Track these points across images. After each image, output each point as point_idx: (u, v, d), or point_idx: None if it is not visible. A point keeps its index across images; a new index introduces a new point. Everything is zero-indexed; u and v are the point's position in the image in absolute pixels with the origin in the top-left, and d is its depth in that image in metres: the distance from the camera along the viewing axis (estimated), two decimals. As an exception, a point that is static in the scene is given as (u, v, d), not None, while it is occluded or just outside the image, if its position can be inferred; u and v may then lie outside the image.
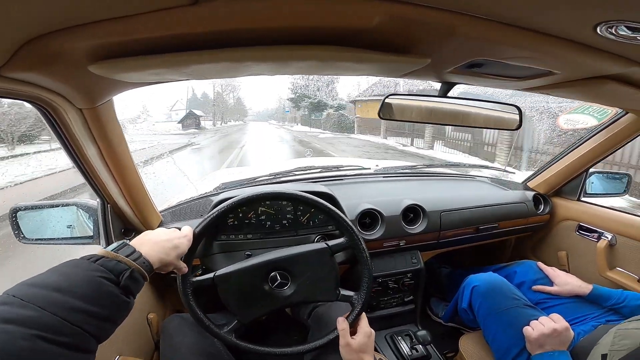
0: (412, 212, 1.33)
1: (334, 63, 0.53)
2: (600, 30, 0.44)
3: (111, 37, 0.42)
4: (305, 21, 0.43)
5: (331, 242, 0.84)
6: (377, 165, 1.70)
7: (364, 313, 0.83)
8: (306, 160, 2.14)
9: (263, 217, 1.12)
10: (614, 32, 0.43)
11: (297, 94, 28.13)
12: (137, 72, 0.50)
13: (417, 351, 1.29)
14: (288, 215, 1.14)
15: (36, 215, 0.96)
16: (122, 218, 0.99)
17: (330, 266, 0.84)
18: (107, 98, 0.67)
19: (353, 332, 0.80)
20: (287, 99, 35.79)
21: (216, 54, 0.46)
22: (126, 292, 0.55)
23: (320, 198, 0.84)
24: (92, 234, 0.97)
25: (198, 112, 34.65)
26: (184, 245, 0.72)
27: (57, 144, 0.73)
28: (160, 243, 0.67)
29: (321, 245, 0.84)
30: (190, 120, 32.55)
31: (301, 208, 1.14)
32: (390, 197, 1.34)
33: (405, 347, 1.31)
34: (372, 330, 0.82)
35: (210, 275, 0.79)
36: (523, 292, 1.18)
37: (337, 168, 1.62)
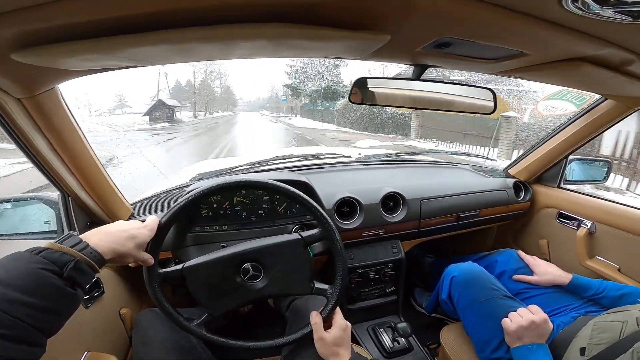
0: (392, 201, 1.31)
1: (285, 41, 0.49)
2: (567, 4, 0.41)
3: (32, 24, 0.39)
4: None
5: (305, 233, 0.81)
6: (359, 154, 1.68)
7: (338, 307, 0.81)
8: (285, 150, 2.11)
9: (239, 208, 1.09)
10: (581, 6, 0.41)
11: (298, 78, 23.80)
12: (69, 59, 0.47)
13: (398, 343, 1.28)
14: (264, 205, 1.11)
15: (-7, 211, 0.93)
16: (87, 211, 0.96)
17: (304, 258, 0.81)
18: (47, 87, 0.63)
19: (328, 325, 0.78)
20: (284, 85, 30.63)
21: (152, 36, 0.43)
22: (72, 283, 0.53)
23: (296, 187, 0.81)
24: (55, 228, 0.93)
25: (171, 102, 28.04)
26: (143, 235, 0.68)
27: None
28: (113, 233, 0.64)
29: (295, 236, 0.81)
30: (160, 112, 26.26)
31: (277, 197, 1.12)
32: (370, 185, 1.31)
33: (387, 339, 1.30)
34: (348, 323, 0.80)
35: (179, 267, 0.76)
36: (504, 281, 1.18)
37: (317, 156, 1.59)
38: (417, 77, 0.79)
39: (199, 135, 17.02)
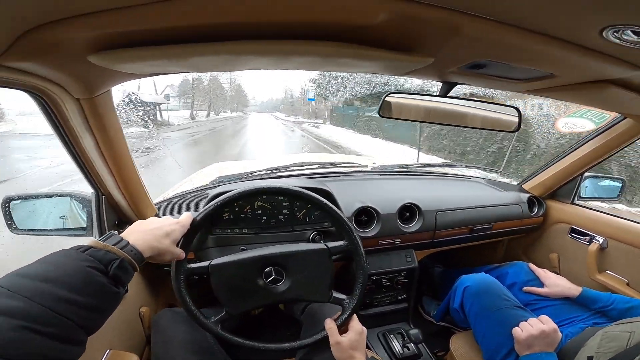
0: (408, 211, 1.33)
1: (335, 59, 0.52)
2: (606, 35, 0.43)
3: (112, 28, 0.41)
4: (309, 15, 0.42)
5: (331, 244, 0.83)
6: (374, 163, 1.70)
7: (356, 318, 0.83)
8: (303, 156, 2.13)
9: (259, 212, 1.11)
10: (619, 36, 0.43)
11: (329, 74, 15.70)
12: (137, 64, 0.49)
13: (408, 349, 1.30)
14: (284, 211, 1.13)
15: (29, 206, 0.95)
16: (117, 210, 0.98)
17: (326, 267, 0.83)
18: (106, 88, 0.66)
19: (344, 330, 0.80)
20: (311, 80, 24.78)
21: (217, 47, 0.45)
22: (115, 282, 0.53)
23: (318, 195, 0.84)
24: (85, 225, 0.96)
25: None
26: (177, 231, 0.70)
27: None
28: (150, 231, 0.65)
29: (320, 245, 0.83)
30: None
31: (297, 204, 1.14)
32: (387, 195, 1.34)
33: (397, 345, 1.32)
34: (364, 328, 0.81)
35: (206, 263, 0.78)
36: (514, 293, 1.19)
37: (335, 164, 1.61)
38: (444, 93, 0.81)
39: (189, 147, 12.84)
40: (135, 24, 0.41)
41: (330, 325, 0.79)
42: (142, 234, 0.64)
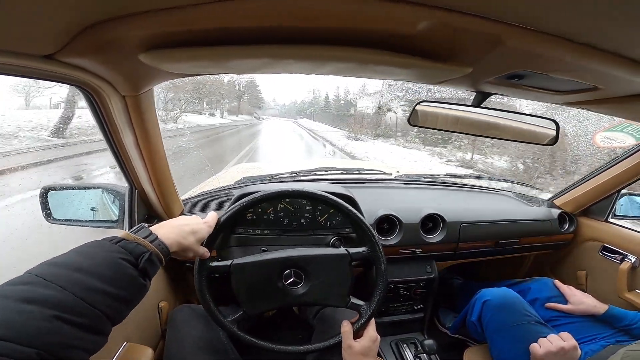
0: (431, 222, 1.31)
1: (372, 66, 0.52)
2: None
3: (164, 27, 0.43)
4: (351, 22, 0.42)
5: (352, 250, 0.83)
6: (397, 172, 1.68)
7: (372, 318, 0.82)
8: (328, 161, 2.14)
9: (281, 214, 1.12)
10: None
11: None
12: (184, 63, 0.51)
13: None
14: (306, 215, 1.14)
15: (65, 196, 0.99)
16: (147, 205, 1.01)
17: (346, 272, 0.83)
18: (149, 87, 0.69)
19: (359, 336, 0.80)
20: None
21: (260, 50, 0.46)
22: (143, 274, 0.55)
23: (341, 200, 0.84)
24: (116, 218, 1.00)
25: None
26: (203, 230, 0.71)
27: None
28: (178, 227, 0.67)
29: (342, 251, 0.83)
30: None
31: (320, 208, 1.14)
32: (410, 205, 1.32)
33: (409, 355, 1.30)
34: (378, 336, 0.81)
35: (227, 262, 0.80)
36: (536, 309, 1.17)
37: (359, 171, 1.60)
38: (478, 104, 0.79)
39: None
40: (186, 24, 0.42)
41: (346, 328, 0.78)
42: (170, 229, 0.65)
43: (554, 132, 0.82)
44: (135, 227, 0.60)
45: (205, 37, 0.45)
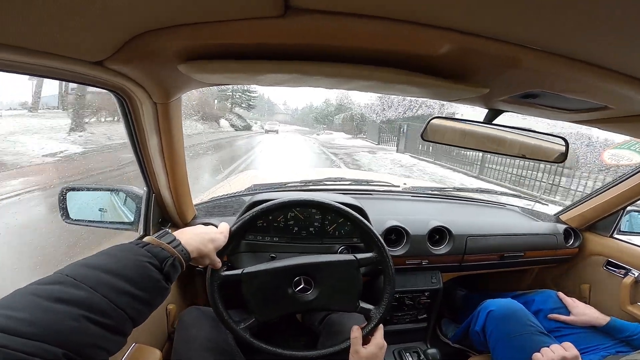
0: (438, 234, 1.32)
1: (393, 85, 0.55)
2: None
3: (204, 40, 0.45)
4: (378, 43, 0.45)
5: (360, 255, 0.85)
6: (405, 184, 1.70)
7: (381, 324, 0.84)
8: (336, 171, 2.16)
9: (291, 222, 1.14)
10: None
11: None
12: (219, 75, 0.53)
13: None
14: (315, 223, 1.15)
15: (83, 197, 1.01)
16: (162, 208, 1.04)
17: (354, 277, 0.85)
18: (180, 95, 0.72)
19: (366, 342, 0.81)
20: None
21: (291, 65, 0.49)
22: (166, 278, 0.57)
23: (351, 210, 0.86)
24: (132, 220, 1.02)
25: None
26: (220, 240, 0.74)
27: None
28: (199, 235, 0.69)
29: (349, 257, 0.85)
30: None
31: (329, 217, 1.16)
32: (418, 217, 1.34)
33: None
34: (385, 343, 0.82)
35: (239, 271, 0.81)
36: (539, 320, 1.18)
37: (367, 182, 1.63)
38: (489, 120, 0.81)
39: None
40: (225, 37, 0.45)
41: (356, 334, 0.79)
42: (192, 236, 0.68)
43: (563, 149, 0.84)
44: (159, 232, 0.62)
45: (239, 50, 0.48)
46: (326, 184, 1.52)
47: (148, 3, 0.36)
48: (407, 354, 1.35)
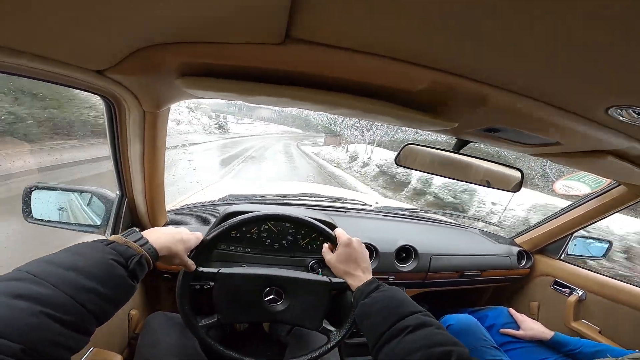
0: (405, 252, 1.38)
1: (375, 115, 0.59)
2: (611, 112, 0.50)
3: (205, 58, 0.47)
4: (365, 76, 0.49)
5: (334, 279, 0.88)
6: (377, 203, 1.76)
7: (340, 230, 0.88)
8: (311, 186, 2.19)
9: (264, 235, 1.15)
10: (623, 114, 0.50)
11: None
12: (212, 91, 0.55)
13: None
14: (288, 237, 1.17)
15: (49, 197, 0.97)
16: (133, 213, 1.02)
17: (324, 299, 0.88)
18: (168, 105, 0.73)
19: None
20: None
21: (283, 90, 0.52)
22: (132, 276, 0.56)
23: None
24: (99, 223, 0.99)
25: None
26: (191, 241, 0.74)
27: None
28: (169, 234, 0.69)
29: (324, 279, 0.88)
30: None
31: (302, 232, 1.17)
32: (387, 235, 1.39)
33: None
34: (353, 238, 0.85)
35: (214, 269, 0.82)
36: (492, 334, 1.28)
37: (341, 200, 1.67)
38: (457, 149, 0.88)
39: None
40: (224, 58, 0.47)
41: (324, 249, 0.86)
42: (161, 235, 0.67)
43: (519, 181, 0.92)
44: (126, 231, 0.62)
45: (236, 71, 0.50)
46: (301, 199, 1.54)
47: (156, 19, 0.38)
48: None
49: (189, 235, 0.74)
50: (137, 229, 0.63)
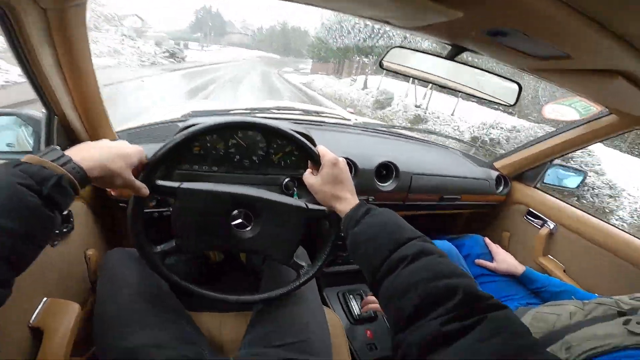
0: (385, 169, 1.31)
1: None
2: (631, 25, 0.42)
3: None
4: None
5: (312, 206, 0.77)
6: (356, 119, 1.66)
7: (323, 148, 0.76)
8: (285, 102, 2.04)
9: (232, 150, 1.02)
10: None
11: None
12: None
13: (366, 311, 1.32)
14: (260, 152, 1.05)
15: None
16: (69, 133, 0.87)
17: (298, 228, 0.78)
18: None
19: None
20: None
21: None
22: (50, 203, 0.45)
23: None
24: (31, 149, 0.84)
25: None
26: (134, 155, 0.59)
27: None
28: (101, 148, 0.55)
29: (301, 204, 0.77)
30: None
31: (274, 145, 1.06)
32: (367, 151, 1.31)
33: (355, 306, 1.37)
34: (338, 158, 0.73)
35: (175, 184, 0.69)
36: (468, 264, 1.29)
37: (318, 114, 1.54)
38: (452, 56, 0.76)
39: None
40: None
41: (306, 174, 0.74)
42: (91, 150, 0.54)
43: (515, 94, 0.83)
44: (44, 150, 0.48)
45: None
46: (274, 112, 1.40)
47: None
48: (351, 296, 1.41)
49: (131, 149, 0.59)
50: (59, 147, 0.50)
